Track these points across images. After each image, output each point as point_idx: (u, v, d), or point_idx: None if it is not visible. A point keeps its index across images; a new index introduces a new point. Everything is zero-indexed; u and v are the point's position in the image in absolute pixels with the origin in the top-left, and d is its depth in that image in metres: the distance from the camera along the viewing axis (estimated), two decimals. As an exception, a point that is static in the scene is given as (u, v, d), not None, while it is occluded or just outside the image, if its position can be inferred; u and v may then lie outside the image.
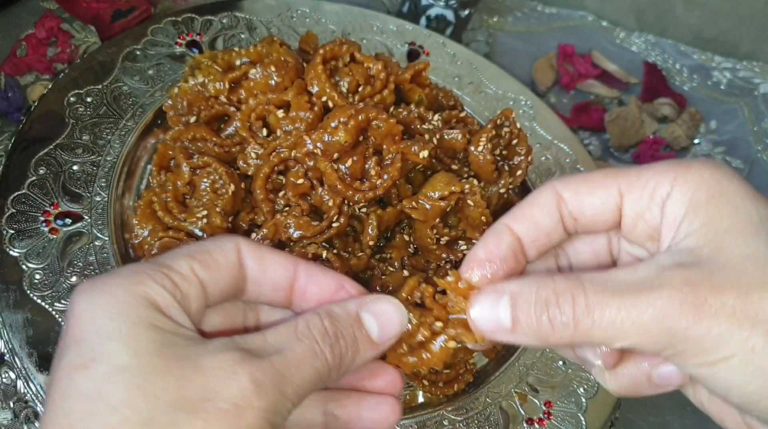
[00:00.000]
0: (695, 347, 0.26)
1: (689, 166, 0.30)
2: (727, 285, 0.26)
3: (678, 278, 0.27)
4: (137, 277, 0.28)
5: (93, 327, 0.26)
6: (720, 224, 0.28)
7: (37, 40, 0.62)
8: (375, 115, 0.45)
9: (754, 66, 0.99)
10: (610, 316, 0.27)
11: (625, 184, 0.31)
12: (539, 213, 0.33)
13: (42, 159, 0.51)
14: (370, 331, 0.32)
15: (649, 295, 0.27)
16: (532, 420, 0.49)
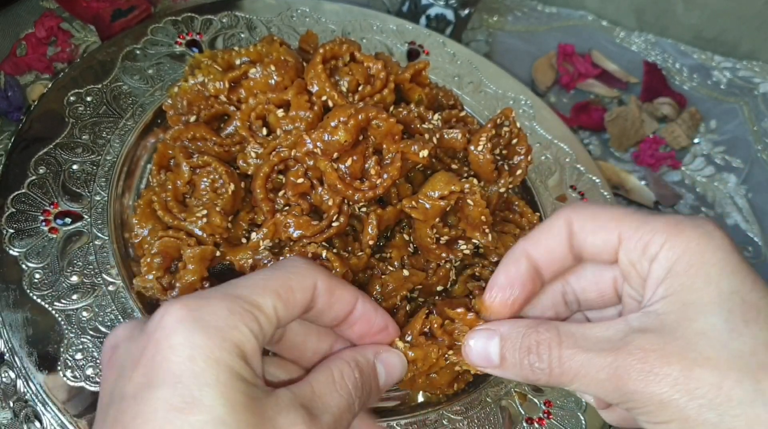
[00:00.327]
0: (642, 407, 0.30)
1: (681, 231, 0.31)
2: (675, 357, 0.29)
3: (635, 344, 0.30)
4: (232, 320, 0.29)
5: (191, 369, 0.27)
6: (689, 296, 0.30)
7: (37, 40, 0.62)
8: (375, 115, 0.45)
9: (754, 65, 0.99)
10: (577, 369, 0.31)
11: (625, 231, 0.33)
12: (553, 241, 0.35)
13: (42, 158, 0.51)
14: (380, 379, 0.37)
15: (608, 357, 0.30)
16: (532, 419, 0.49)
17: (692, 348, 0.29)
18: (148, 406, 0.27)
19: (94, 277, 0.47)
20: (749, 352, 0.28)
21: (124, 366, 0.29)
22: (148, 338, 0.29)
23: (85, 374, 0.43)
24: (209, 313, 0.29)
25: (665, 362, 0.29)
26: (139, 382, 0.28)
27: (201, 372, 0.27)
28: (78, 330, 0.44)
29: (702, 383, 0.28)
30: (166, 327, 0.28)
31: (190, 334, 0.28)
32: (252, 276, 0.33)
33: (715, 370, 0.28)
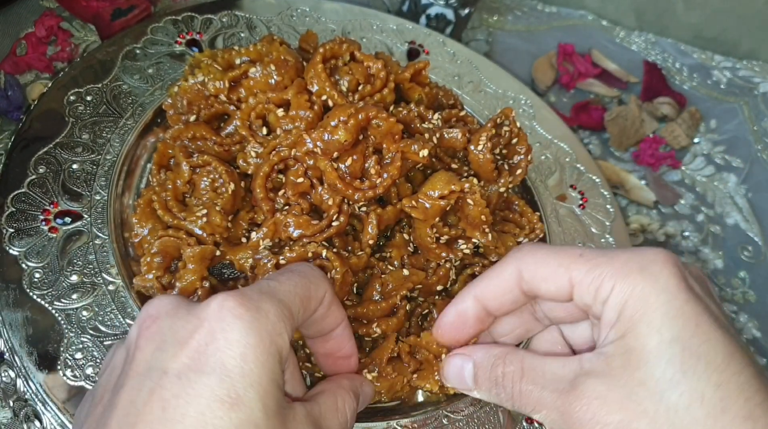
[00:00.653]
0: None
1: (628, 274, 0.32)
2: (616, 407, 0.31)
3: (581, 389, 0.32)
4: (279, 326, 0.31)
5: (242, 366, 0.28)
6: (633, 342, 0.31)
7: (37, 39, 0.62)
8: (375, 114, 0.45)
9: (754, 65, 0.99)
10: (534, 403, 0.35)
11: (575, 276, 0.35)
12: (502, 287, 0.38)
13: (42, 158, 0.51)
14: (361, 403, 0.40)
15: (558, 399, 0.33)
16: (532, 419, 0.49)
17: (632, 399, 0.30)
18: (194, 390, 0.27)
19: (94, 276, 0.47)
20: (684, 406, 0.29)
21: (167, 341, 0.30)
22: (200, 323, 0.30)
23: (85, 373, 0.43)
24: (264, 315, 0.30)
25: (606, 411, 0.31)
26: (185, 363, 0.28)
27: (249, 372, 0.28)
28: (78, 329, 0.44)
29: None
30: (223, 319, 0.29)
31: (246, 332, 0.29)
32: (283, 280, 0.34)
33: (651, 425, 0.30)
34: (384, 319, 0.48)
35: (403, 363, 0.47)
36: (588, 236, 0.62)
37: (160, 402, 0.27)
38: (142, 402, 0.28)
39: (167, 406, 0.27)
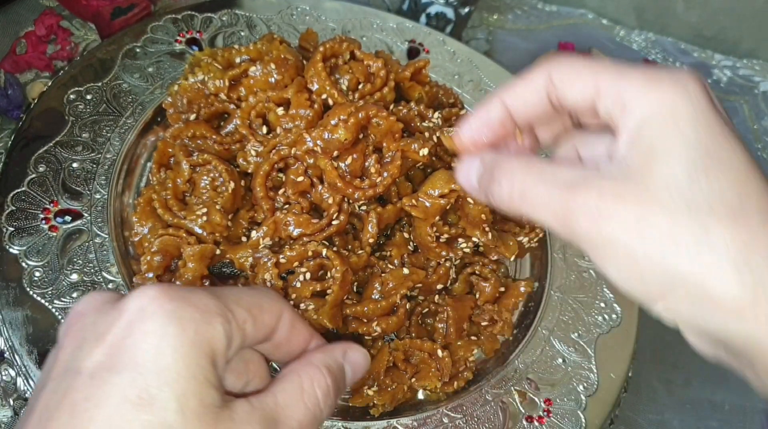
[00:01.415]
0: (592, 246, 0.31)
1: (658, 84, 0.31)
2: (631, 200, 0.29)
3: (594, 184, 0.30)
4: (209, 315, 0.28)
5: (156, 362, 0.26)
6: (655, 146, 0.30)
7: (37, 38, 0.62)
8: (375, 113, 0.45)
9: (754, 64, 0.99)
10: (534, 202, 0.33)
11: (602, 82, 0.33)
12: (530, 88, 0.36)
13: (42, 156, 0.51)
14: (347, 377, 0.36)
15: (565, 194, 0.31)
16: (532, 417, 0.49)
17: (650, 194, 0.29)
18: (103, 391, 0.25)
19: (94, 275, 0.47)
20: (703, 201, 0.29)
21: (86, 338, 0.27)
22: (119, 315, 0.27)
23: (85, 372, 0.43)
24: (188, 303, 0.27)
25: (620, 204, 0.29)
26: (98, 361, 0.26)
27: (165, 368, 0.25)
28: (78, 328, 0.44)
29: (653, 228, 0.29)
30: (142, 309, 0.27)
31: (164, 322, 0.26)
32: (225, 288, 0.32)
33: (667, 217, 0.29)
34: (384, 318, 0.48)
35: (400, 370, 0.48)
36: (588, 235, 0.62)
37: (69, 406, 0.25)
38: (54, 406, 0.26)
39: (75, 410, 0.25)
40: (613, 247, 0.30)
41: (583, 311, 0.56)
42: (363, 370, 0.37)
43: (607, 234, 0.30)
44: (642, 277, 0.30)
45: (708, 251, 0.28)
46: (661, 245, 0.29)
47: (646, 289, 0.30)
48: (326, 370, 0.33)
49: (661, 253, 0.29)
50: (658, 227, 0.29)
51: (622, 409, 0.55)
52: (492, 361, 0.53)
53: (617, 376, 0.53)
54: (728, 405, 0.64)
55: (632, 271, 0.30)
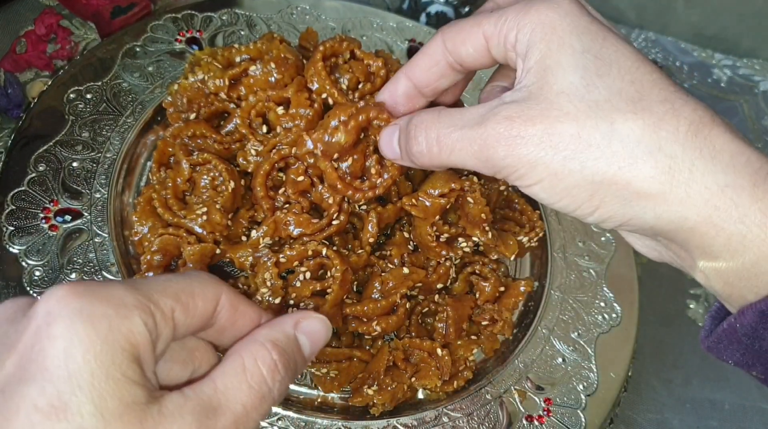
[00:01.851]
0: (514, 173, 0.32)
1: (528, 9, 0.33)
2: (538, 118, 0.31)
3: (502, 114, 0.32)
4: (124, 309, 0.25)
5: (66, 366, 0.24)
6: (547, 61, 0.32)
7: (37, 37, 0.62)
8: (375, 115, 0.45)
9: (755, 63, 0.98)
10: (452, 145, 0.34)
11: (487, 31, 0.35)
12: (429, 62, 0.38)
13: (42, 156, 0.51)
14: (304, 350, 0.33)
15: (477, 130, 0.32)
16: (532, 417, 0.49)
17: (553, 107, 0.31)
18: (14, 404, 0.23)
19: (94, 274, 0.47)
20: (604, 100, 0.30)
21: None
22: (28, 322, 0.25)
23: (85, 371, 0.43)
24: (100, 299, 0.25)
25: (529, 124, 0.31)
26: (9, 373, 0.24)
27: (76, 371, 0.24)
28: (78, 327, 0.44)
29: (563, 137, 0.30)
30: (49, 312, 0.25)
31: (72, 322, 0.24)
32: (151, 277, 0.31)
33: (573, 122, 0.30)
34: (384, 318, 0.48)
35: (400, 370, 0.48)
36: (588, 234, 0.62)
37: None
38: None
39: None
40: (534, 169, 0.31)
41: (583, 310, 0.56)
42: (323, 339, 0.34)
43: (524, 156, 0.31)
44: (569, 192, 0.31)
45: (620, 145, 0.30)
46: (576, 152, 0.30)
47: (576, 203, 0.31)
48: (271, 345, 0.30)
49: (579, 161, 0.30)
50: (567, 135, 0.30)
51: (622, 409, 0.55)
52: (492, 360, 0.53)
53: (617, 375, 0.53)
54: (728, 404, 0.64)
55: (559, 188, 0.31)
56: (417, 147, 0.36)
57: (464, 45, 0.36)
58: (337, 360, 0.48)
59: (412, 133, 0.36)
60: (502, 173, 0.33)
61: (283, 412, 0.45)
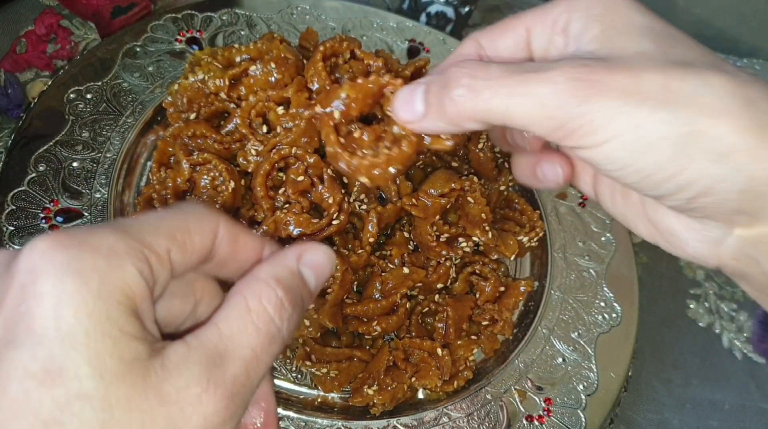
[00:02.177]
0: (588, 124, 0.28)
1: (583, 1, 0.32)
2: (618, 68, 0.28)
3: (575, 62, 0.29)
4: (116, 259, 0.23)
5: (57, 327, 0.21)
6: (613, 30, 0.30)
7: (37, 37, 0.62)
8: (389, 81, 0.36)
9: (755, 63, 0.98)
10: (509, 89, 0.29)
11: (530, 21, 0.34)
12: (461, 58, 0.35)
13: (42, 156, 0.51)
14: (309, 283, 0.31)
15: (546, 74, 0.28)
16: (532, 417, 0.49)
17: (635, 62, 0.28)
18: (5, 371, 0.21)
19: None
20: (690, 58, 0.29)
21: None
22: (11, 279, 0.23)
23: (85, 371, 0.43)
24: (88, 250, 0.23)
25: (612, 70, 0.28)
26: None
27: (68, 330, 0.21)
28: (78, 327, 0.44)
29: (651, 85, 0.27)
30: (32, 268, 0.22)
31: (59, 279, 0.22)
32: (142, 216, 0.27)
33: (660, 73, 0.28)
34: (384, 318, 0.48)
35: (400, 370, 0.48)
36: (588, 234, 0.62)
37: None
38: None
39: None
40: (615, 119, 0.27)
41: (583, 310, 0.56)
42: (328, 271, 0.32)
43: (604, 104, 0.27)
44: (654, 147, 0.27)
45: (712, 96, 0.27)
46: (665, 102, 0.27)
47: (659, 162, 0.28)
48: (275, 282, 0.28)
49: (669, 111, 0.27)
50: (655, 83, 0.28)
51: (622, 409, 0.55)
52: (492, 360, 0.53)
53: (617, 375, 0.53)
54: (728, 404, 0.64)
55: (642, 142, 0.28)
56: (458, 90, 0.30)
57: (503, 38, 0.34)
58: (337, 360, 0.48)
59: (454, 76, 0.30)
60: (568, 126, 0.28)
61: (283, 412, 0.45)
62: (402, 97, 0.34)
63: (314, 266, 0.31)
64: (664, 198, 0.30)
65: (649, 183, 0.29)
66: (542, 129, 0.29)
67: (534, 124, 0.29)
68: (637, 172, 0.29)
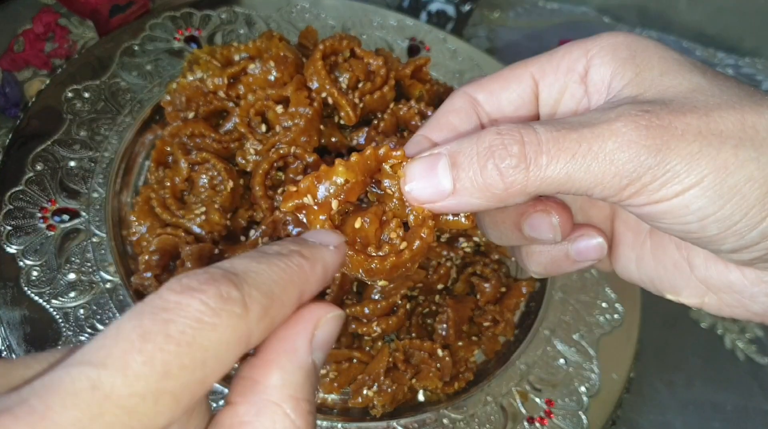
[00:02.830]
0: (665, 175, 0.24)
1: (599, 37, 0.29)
2: (685, 109, 0.25)
3: (635, 108, 0.25)
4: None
5: None
6: (652, 70, 0.27)
7: (35, 35, 0.62)
8: (386, 152, 0.29)
9: (757, 63, 0.98)
10: (569, 152, 0.25)
11: (537, 70, 0.30)
12: (456, 119, 0.31)
13: (39, 155, 0.51)
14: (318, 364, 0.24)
15: (608, 126, 0.24)
16: (533, 419, 0.49)
17: (695, 101, 0.25)
18: None
19: (91, 274, 0.46)
20: (745, 94, 0.26)
21: None
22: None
23: (82, 373, 0.42)
24: None
25: (679, 114, 0.24)
26: None
27: None
28: (76, 328, 0.44)
29: (726, 123, 0.24)
30: None
31: None
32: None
33: (731, 110, 0.25)
34: (384, 318, 0.47)
35: (401, 371, 0.47)
36: (590, 234, 0.61)
37: None
38: None
39: None
40: (695, 163, 0.24)
41: (585, 311, 0.56)
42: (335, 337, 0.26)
43: (682, 150, 0.24)
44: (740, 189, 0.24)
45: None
46: (745, 140, 0.24)
47: (746, 205, 0.25)
48: (287, 402, 0.22)
49: (753, 148, 0.24)
50: (731, 121, 0.25)
51: (624, 410, 0.55)
52: (493, 361, 0.53)
53: (619, 376, 0.53)
54: (731, 406, 0.63)
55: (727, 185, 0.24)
56: (508, 161, 0.25)
57: (505, 91, 0.31)
58: (336, 361, 0.47)
59: (496, 143, 0.26)
60: (642, 181, 0.24)
61: (282, 413, 0.45)
62: (418, 172, 0.28)
63: (324, 343, 0.25)
64: (741, 250, 0.26)
65: (730, 233, 0.25)
66: (608, 190, 0.25)
67: (599, 186, 0.25)
68: (719, 222, 0.25)
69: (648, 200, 0.25)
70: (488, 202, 0.27)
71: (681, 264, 0.31)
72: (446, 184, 0.27)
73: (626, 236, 0.33)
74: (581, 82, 0.29)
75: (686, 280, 0.31)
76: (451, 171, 0.27)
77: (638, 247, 0.33)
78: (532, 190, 0.26)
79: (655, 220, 0.26)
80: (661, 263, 0.32)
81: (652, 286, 0.33)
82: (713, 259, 0.29)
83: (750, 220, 0.25)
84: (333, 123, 0.52)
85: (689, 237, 0.27)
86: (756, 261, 0.27)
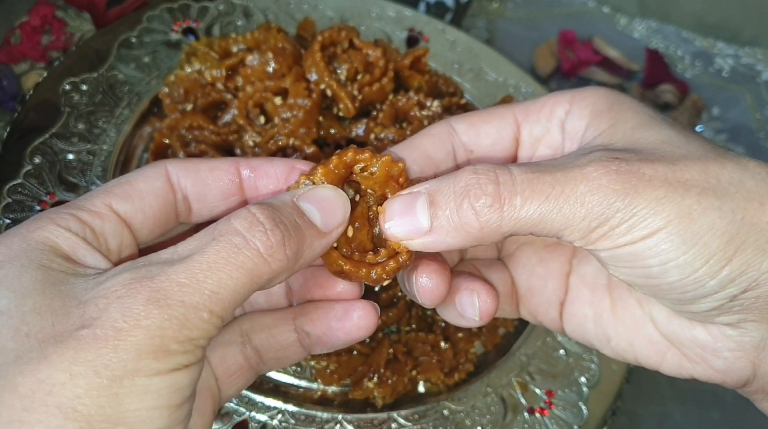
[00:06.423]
0: (631, 218, 0.25)
1: (583, 89, 0.31)
2: (653, 158, 0.26)
3: (606, 155, 0.26)
4: (36, 223, 0.25)
5: None
6: (626, 124, 0.28)
7: (32, 28, 0.61)
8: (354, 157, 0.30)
9: (757, 52, 0.98)
10: (542, 193, 0.26)
11: (521, 112, 0.32)
12: (430, 144, 0.32)
13: (37, 148, 0.50)
14: (313, 219, 0.27)
15: (580, 170, 0.26)
16: (534, 409, 0.49)
17: (662, 151, 0.27)
18: None
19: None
20: (710, 148, 0.27)
21: None
22: None
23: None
24: (11, 229, 0.26)
25: (645, 162, 0.26)
26: None
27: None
28: (75, 321, 0.44)
29: (691, 172, 0.26)
30: None
31: None
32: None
33: (696, 161, 0.26)
34: (384, 310, 0.47)
35: (401, 363, 0.47)
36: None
37: None
38: None
39: None
40: (660, 209, 0.25)
41: (585, 302, 0.56)
42: (340, 209, 0.29)
43: (649, 195, 0.25)
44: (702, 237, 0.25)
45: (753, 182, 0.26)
46: (709, 189, 0.25)
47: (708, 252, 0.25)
48: (255, 205, 0.26)
49: (716, 197, 0.25)
50: (695, 171, 0.26)
51: (624, 401, 0.55)
52: (493, 352, 0.53)
53: (619, 367, 0.53)
54: (730, 396, 0.63)
55: (690, 231, 0.25)
56: (482, 200, 0.26)
57: (486, 125, 0.32)
58: (336, 353, 0.47)
59: (471, 182, 0.27)
60: (610, 224, 0.25)
61: (282, 405, 0.45)
62: (397, 209, 0.29)
63: (318, 200, 0.28)
64: (700, 300, 0.27)
65: (690, 281, 0.26)
66: (577, 232, 0.26)
67: (569, 228, 0.26)
68: (680, 268, 0.26)
69: (614, 244, 0.26)
70: (464, 241, 0.27)
71: (642, 320, 0.31)
72: (424, 222, 0.28)
73: (582, 293, 0.33)
74: (560, 128, 0.31)
75: (647, 337, 0.31)
76: (429, 209, 0.28)
77: (596, 304, 0.33)
78: (506, 230, 0.27)
79: (619, 265, 0.27)
80: (620, 320, 0.32)
81: (607, 345, 0.33)
82: (676, 314, 0.30)
83: (710, 268, 0.25)
84: (332, 114, 0.51)
85: (649, 284, 0.27)
86: (714, 312, 0.27)
